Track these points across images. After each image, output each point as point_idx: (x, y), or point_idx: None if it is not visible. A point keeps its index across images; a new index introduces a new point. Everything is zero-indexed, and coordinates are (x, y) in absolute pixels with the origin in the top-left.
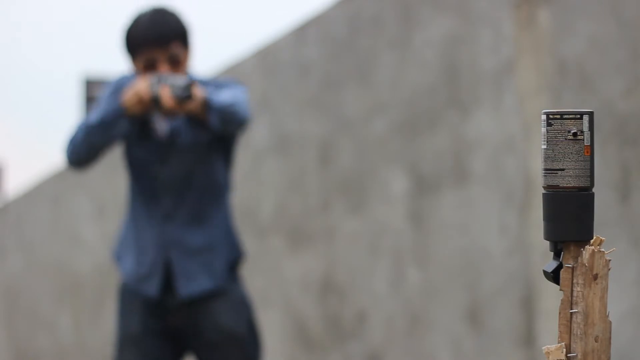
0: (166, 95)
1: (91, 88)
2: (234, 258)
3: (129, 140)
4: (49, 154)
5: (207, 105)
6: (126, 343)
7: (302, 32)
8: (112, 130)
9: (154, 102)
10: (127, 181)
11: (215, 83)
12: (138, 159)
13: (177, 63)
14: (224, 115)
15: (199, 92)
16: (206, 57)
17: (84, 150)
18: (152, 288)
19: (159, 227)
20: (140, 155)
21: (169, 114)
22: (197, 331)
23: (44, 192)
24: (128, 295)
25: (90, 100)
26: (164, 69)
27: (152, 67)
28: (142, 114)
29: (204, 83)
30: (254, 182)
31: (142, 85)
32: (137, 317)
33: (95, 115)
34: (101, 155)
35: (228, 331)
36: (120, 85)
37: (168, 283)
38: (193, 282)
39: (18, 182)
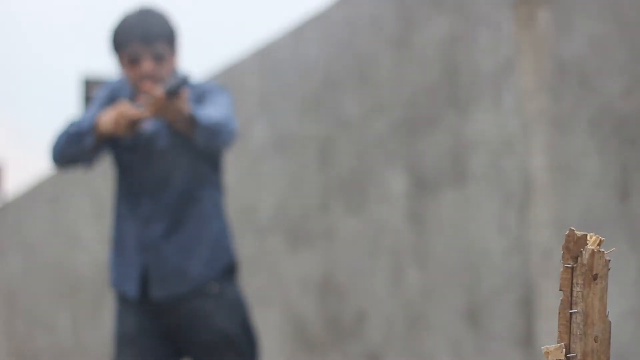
0: (157, 91)
1: (91, 88)
2: (225, 264)
3: (116, 143)
4: (48, 154)
5: (193, 121)
6: (123, 344)
7: (302, 32)
8: (80, 145)
9: (137, 120)
10: (114, 183)
11: (200, 87)
12: (122, 161)
13: (161, 61)
14: (210, 132)
15: (185, 97)
16: (206, 57)
17: (60, 155)
18: (132, 289)
19: (139, 230)
20: (124, 157)
21: (156, 114)
22: (191, 332)
23: (43, 192)
24: (122, 299)
25: (90, 100)
26: (147, 65)
27: (135, 63)
28: (115, 134)
29: (190, 86)
30: (254, 182)
31: (124, 106)
32: (133, 318)
33: (75, 125)
34: (78, 164)
35: (221, 332)
36: (115, 91)
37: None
38: (166, 286)
39: (18, 182)
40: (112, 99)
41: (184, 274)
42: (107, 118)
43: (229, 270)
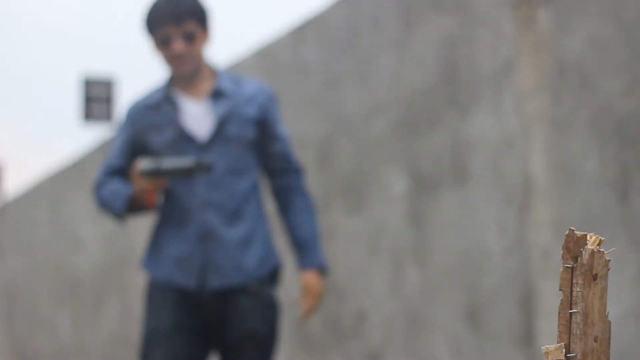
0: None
1: (91, 88)
2: (274, 265)
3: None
4: (48, 154)
5: (324, 271)
6: (156, 339)
7: (302, 32)
8: (119, 220)
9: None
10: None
11: (251, 87)
12: None
13: (192, 40)
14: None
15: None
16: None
17: (101, 209)
18: (190, 279)
19: (197, 215)
20: None
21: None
22: (223, 328)
23: (43, 192)
24: (159, 290)
25: (90, 100)
26: (177, 45)
27: (166, 44)
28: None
29: (235, 78)
30: None
31: (142, 183)
32: (170, 311)
33: (106, 196)
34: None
35: (251, 331)
36: (133, 114)
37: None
38: (221, 277)
39: (18, 182)
40: (139, 116)
41: (240, 267)
42: (140, 193)
43: (275, 273)
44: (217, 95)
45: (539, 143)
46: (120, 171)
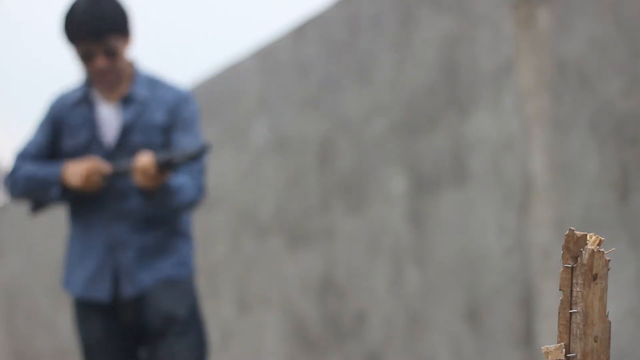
0: (148, 161)
1: None
2: (191, 269)
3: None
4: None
5: (166, 190)
6: (92, 353)
7: (302, 32)
8: (47, 195)
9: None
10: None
11: (170, 90)
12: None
13: (114, 55)
14: (173, 203)
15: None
16: (206, 58)
17: (20, 196)
18: (103, 292)
19: (105, 228)
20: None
21: (142, 182)
22: (144, 322)
23: None
24: (81, 307)
25: None
26: (100, 62)
27: (88, 59)
28: (83, 190)
29: (153, 81)
30: (253, 182)
31: (95, 162)
32: (98, 324)
33: (33, 169)
34: (40, 206)
35: (168, 315)
36: (56, 107)
37: (116, 283)
38: (136, 283)
39: None
40: (60, 111)
41: (152, 274)
42: (77, 174)
43: (191, 275)
44: (127, 101)
45: (539, 143)
46: (38, 160)
